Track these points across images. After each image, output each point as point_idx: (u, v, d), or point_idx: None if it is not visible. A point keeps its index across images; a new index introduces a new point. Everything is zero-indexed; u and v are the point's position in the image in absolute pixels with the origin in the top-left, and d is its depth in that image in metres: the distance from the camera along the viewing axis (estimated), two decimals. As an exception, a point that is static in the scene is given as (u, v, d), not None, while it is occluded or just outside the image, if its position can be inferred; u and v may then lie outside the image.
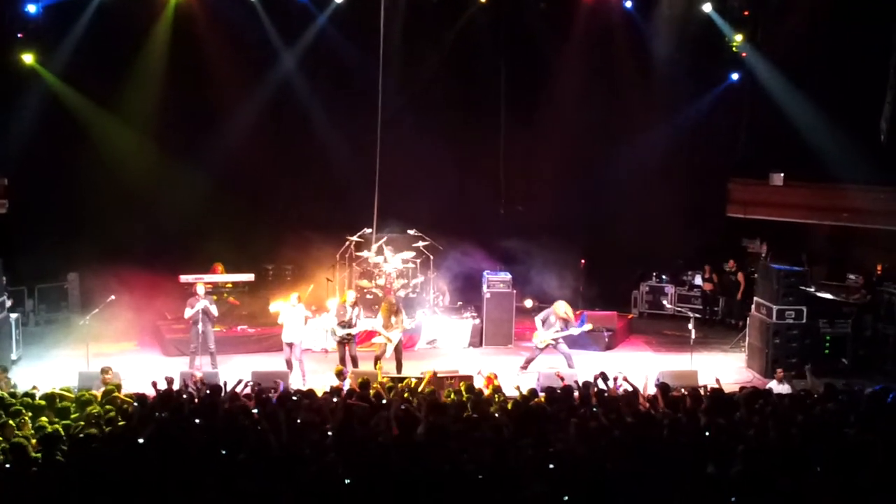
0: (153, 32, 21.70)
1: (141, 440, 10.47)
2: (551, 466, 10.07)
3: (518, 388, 14.06)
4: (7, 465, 9.85)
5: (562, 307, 17.82)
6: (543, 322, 17.78)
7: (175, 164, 21.66)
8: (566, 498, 9.36)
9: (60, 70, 21.11)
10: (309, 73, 22.75)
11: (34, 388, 13.59)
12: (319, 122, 22.69)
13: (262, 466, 10.10)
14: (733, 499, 9.33)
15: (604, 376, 13.77)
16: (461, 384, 14.26)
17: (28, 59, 20.81)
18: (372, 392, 13.31)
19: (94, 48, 21.00)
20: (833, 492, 9.49)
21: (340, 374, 14.81)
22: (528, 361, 17.80)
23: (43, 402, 12.40)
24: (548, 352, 17.82)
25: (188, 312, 17.30)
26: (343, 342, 17.34)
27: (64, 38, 20.94)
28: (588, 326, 18.33)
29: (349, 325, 17.25)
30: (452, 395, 13.53)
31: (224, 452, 10.53)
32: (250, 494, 9.32)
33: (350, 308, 17.35)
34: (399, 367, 17.14)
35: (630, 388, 13.57)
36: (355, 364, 17.10)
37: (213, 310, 17.51)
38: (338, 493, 9.45)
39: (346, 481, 9.50)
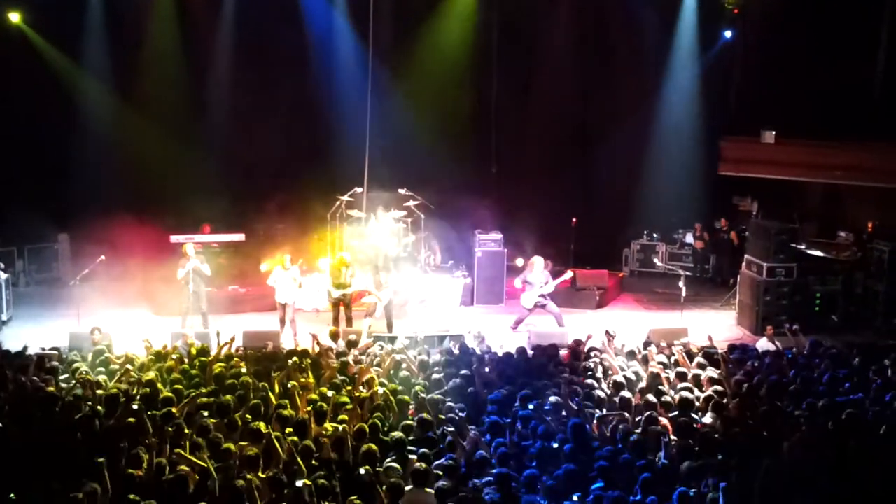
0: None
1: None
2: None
3: (500, 346, 14.13)
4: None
5: (540, 262, 17.77)
6: (524, 283, 17.76)
7: (164, 124, 21.58)
8: (555, 445, 9.54)
9: (46, 29, 20.93)
10: (299, 31, 22.51)
11: (25, 348, 13.62)
12: (310, 80, 22.52)
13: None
14: (720, 456, 9.44)
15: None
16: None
17: (14, 17, 20.65)
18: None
19: (79, 8, 20.85)
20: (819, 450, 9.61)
21: (335, 336, 14.80)
22: (518, 322, 17.84)
23: None
24: (536, 312, 17.85)
25: (180, 273, 17.27)
26: (337, 303, 17.35)
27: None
28: (568, 275, 18.28)
29: (343, 286, 17.25)
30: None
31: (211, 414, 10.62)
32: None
33: (344, 269, 17.33)
34: (389, 327, 17.17)
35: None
36: (349, 324, 17.13)
37: (206, 269, 17.48)
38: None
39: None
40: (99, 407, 10.87)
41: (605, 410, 11.25)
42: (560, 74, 23.06)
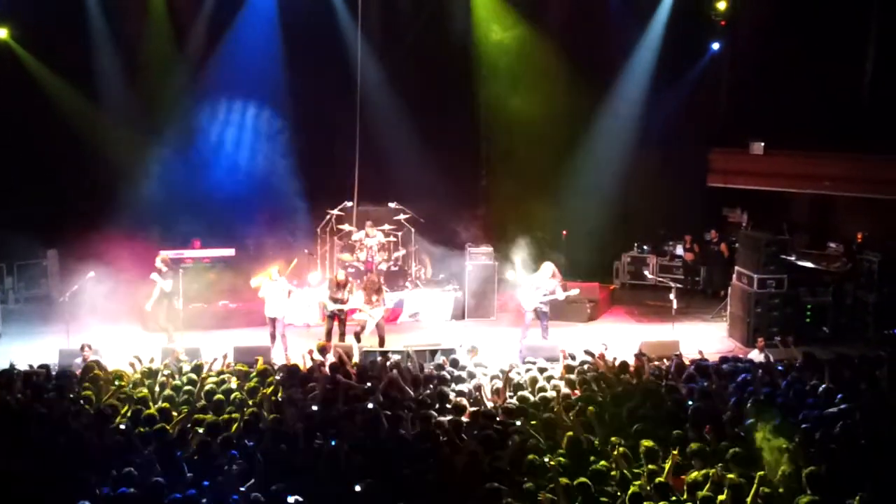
0: (128, 8, 21.58)
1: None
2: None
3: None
4: None
5: (550, 268, 17.61)
6: (532, 287, 17.52)
7: (152, 139, 21.56)
8: (547, 460, 9.50)
9: (34, 45, 20.91)
10: (288, 44, 22.47)
11: (11, 365, 13.51)
12: (298, 94, 22.50)
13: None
14: (720, 465, 9.41)
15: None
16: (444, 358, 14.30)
17: (2, 33, 20.62)
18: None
19: (68, 24, 20.85)
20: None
21: (323, 350, 14.69)
22: (526, 328, 17.57)
23: None
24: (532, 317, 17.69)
25: (156, 292, 17.54)
26: (333, 317, 17.29)
27: (38, 14, 20.67)
28: (575, 291, 18.11)
29: (341, 301, 17.19)
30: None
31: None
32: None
33: (342, 285, 17.27)
34: (381, 342, 17.10)
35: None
36: (342, 340, 17.05)
37: (166, 285, 17.64)
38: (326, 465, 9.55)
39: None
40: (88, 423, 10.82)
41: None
42: (549, 86, 23.07)
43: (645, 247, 23.53)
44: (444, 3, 22.91)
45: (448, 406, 11.83)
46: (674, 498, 8.89)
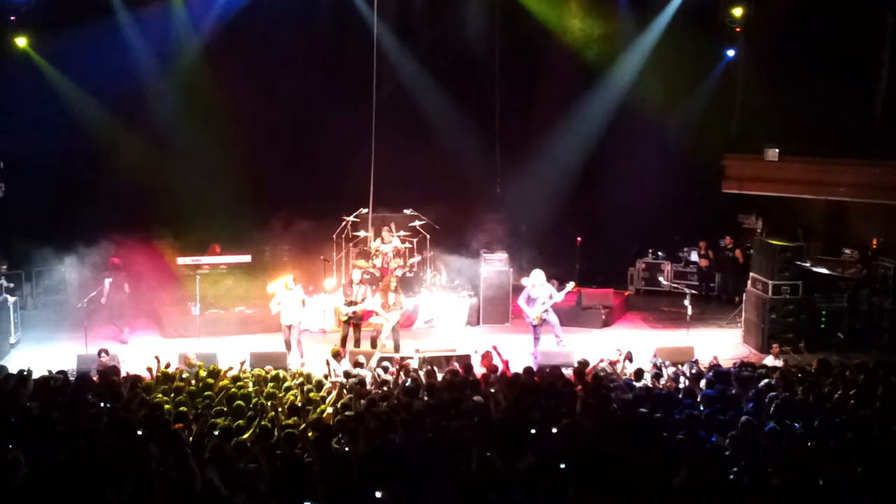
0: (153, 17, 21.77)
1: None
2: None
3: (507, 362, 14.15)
4: None
5: (540, 274, 17.65)
6: (528, 300, 17.57)
7: (170, 145, 21.68)
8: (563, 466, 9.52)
9: (52, 54, 21.06)
10: (304, 51, 22.61)
11: (25, 370, 13.61)
12: (315, 101, 22.60)
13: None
14: (732, 474, 9.43)
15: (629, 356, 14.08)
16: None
17: (21, 42, 20.80)
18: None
19: (85, 32, 20.99)
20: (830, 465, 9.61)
21: (337, 356, 14.74)
22: (536, 340, 17.62)
23: None
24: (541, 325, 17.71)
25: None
26: (348, 321, 17.35)
27: (57, 22, 20.83)
28: (570, 286, 18.03)
29: (355, 303, 17.25)
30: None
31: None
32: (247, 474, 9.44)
33: (356, 287, 17.34)
34: (396, 348, 17.17)
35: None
36: (357, 345, 17.11)
37: (107, 284, 18.17)
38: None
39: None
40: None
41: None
42: (564, 92, 23.12)
43: (660, 253, 23.56)
44: (462, 8, 22.98)
45: (463, 411, 11.89)
46: None
